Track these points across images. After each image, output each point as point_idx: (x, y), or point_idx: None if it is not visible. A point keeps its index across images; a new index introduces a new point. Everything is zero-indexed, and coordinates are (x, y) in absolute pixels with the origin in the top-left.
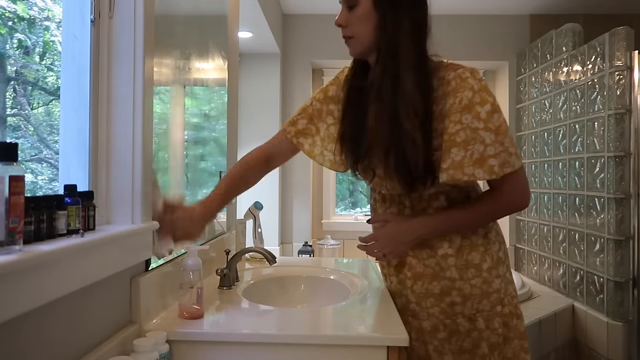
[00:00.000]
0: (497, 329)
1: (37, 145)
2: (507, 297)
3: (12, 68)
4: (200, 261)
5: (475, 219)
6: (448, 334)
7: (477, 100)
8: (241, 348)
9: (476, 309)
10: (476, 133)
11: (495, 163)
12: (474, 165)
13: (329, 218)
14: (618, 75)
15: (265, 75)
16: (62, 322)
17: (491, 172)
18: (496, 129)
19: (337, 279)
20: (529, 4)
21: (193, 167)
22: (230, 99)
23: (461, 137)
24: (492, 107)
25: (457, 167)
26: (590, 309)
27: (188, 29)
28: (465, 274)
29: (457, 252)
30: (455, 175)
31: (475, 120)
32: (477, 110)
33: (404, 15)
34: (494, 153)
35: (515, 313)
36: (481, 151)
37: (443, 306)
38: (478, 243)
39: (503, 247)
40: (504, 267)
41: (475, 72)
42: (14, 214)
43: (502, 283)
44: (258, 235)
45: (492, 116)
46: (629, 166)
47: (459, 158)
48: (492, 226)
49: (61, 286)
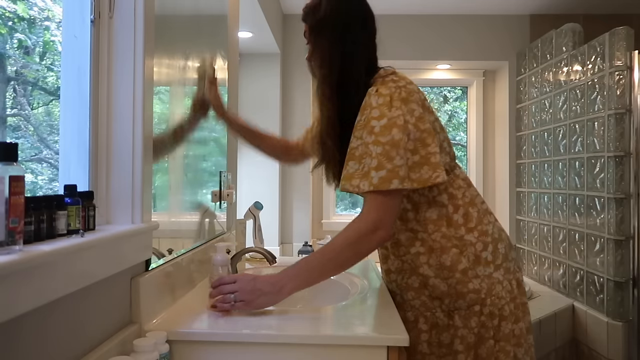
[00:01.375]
0: (474, 327)
1: (37, 145)
2: (490, 297)
3: (12, 68)
4: (229, 257)
5: (331, 255)
6: (429, 327)
7: (374, 115)
8: (241, 348)
9: (453, 306)
10: (367, 147)
11: (374, 175)
12: (361, 178)
13: (329, 218)
14: (618, 75)
15: (265, 75)
16: (62, 322)
17: (370, 184)
18: (386, 143)
19: (337, 279)
20: (529, 4)
21: (193, 167)
22: (230, 99)
23: (359, 151)
24: (390, 121)
25: (347, 179)
26: (590, 309)
27: (188, 29)
28: (441, 273)
29: (428, 252)
30: (345, 186)
31: (368, 135)
32: (372, 125)
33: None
34: (375, 166)
35: (500, 314)
36: (369, 164)
37: (423, 299)
38: (448, 245)
39: (493, 247)
40: (488, 268)
41: (385, 87)
42: (14, 214)
43: (482, 283)
44: (258, 235)
45: (384, 131)
46: (629, 166)
47: (352, 170)
48: (474, 226)
49: (61, 286)
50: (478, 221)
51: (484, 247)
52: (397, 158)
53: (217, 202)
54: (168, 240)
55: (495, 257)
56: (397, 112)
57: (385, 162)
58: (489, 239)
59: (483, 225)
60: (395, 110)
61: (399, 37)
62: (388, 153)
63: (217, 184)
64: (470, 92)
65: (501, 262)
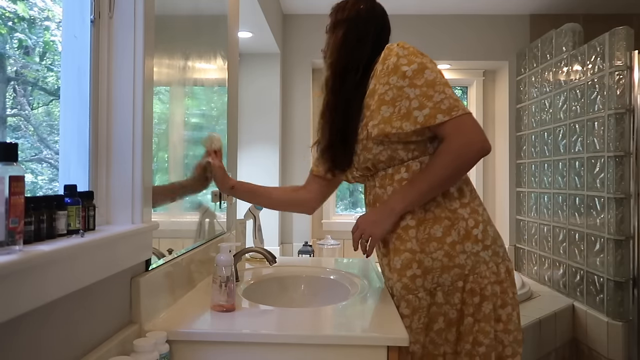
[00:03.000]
0: (456, 304)
1: (37, 145)
2: (472, 274)
3: (12, 68)
4: (232, 257)
5: (439, 174)
6: (411, 310)
7: (402, 62)
8: (241, 348)
9: (437, 282)
10: (402, 91)
11: (419, 114)
12: (401, 119)
13: (329, 218)
14: (618, 75)
15: (265, 75)
16: (62, 322)
17: (415, 122)
18: (423, 84)
19: (337, 279)
20: (529, 4)
21: (193, 167)
22: (230, 99)
23: (389, 95)
24: (420, 66)
25: (386, 122)
26: (590, 308)
27: (188, 29)
28: (427, 247)
29: (418, 225)
30: (385, 129)
31: (400, 80)
32: (402, 70)
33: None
34: (418, 106)
35: (481, 293)
36: (407, 106)
37: (405, 281)
38: (442, 216)
39: (483, 227)
40: (477, 245)
41: (404, 43)
42: (14, 214)
43: (468, 260)
44: (258, 235)
45: (419, 73)
46: (629, 166)
47: (387, 114)
48: (467, 202)
49: (61, 286)
50: (471, 199)
51: (475, 224)
52: (436, 95)
53: (217, 202)
54: (168, 240)
55: (485, 237)
56: (424, 58)
57: (425, 101)
58: (480, 218)
59: (475, 204)
60: (423, 57)
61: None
62: (426, 93)
63: None
64: (470, 92)
65: (490, 243)
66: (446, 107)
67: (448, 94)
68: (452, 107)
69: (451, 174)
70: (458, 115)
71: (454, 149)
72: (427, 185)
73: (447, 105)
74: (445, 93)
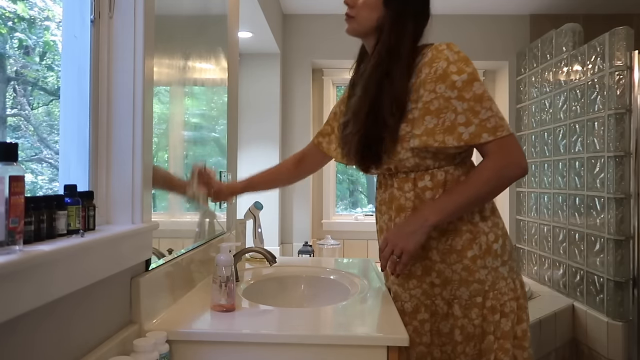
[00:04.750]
0: (474, 319)
1: (37, 145)
2: (493, 291)
3: (12, 68)
4: (232, 257)
5: (479, 190)
6: (429, 315)
7: (452, 70)
8: (241, 348)
9: (454, 295)
10: (448, 102)
11: (464, 131)
12: (444, 132)
13: (329, 218)
14: (618, 75)
15: (265, 75)
16: (62, 322)
17: (460, 139)
18: (471, 98)
19: (337, 279)
20: (529, 4)
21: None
22: (230, 99)
23: (434, 105)
24: (470, 76)
25: (429, 134)
26: (590, 308)
27: (188, 29)
28: (448, 258)
29: (440, 236)
30: (428, 141)
31: (448, 90)
32: (452, 80)
33: (409, 20)
34: (464, 121)
35: (501, 310)
36: (452, 119)
37: (425, 287)
38: (463, 229)
39: (502, 241)
40: (496, 261)
41: (453, 45)
42: (14, 214)
43: (488, 275)
44: (258, 235)
45: (469, 85)
46: (629, 166)
47: (431, 125)
48: (488, 216)
49: (61, 286)
50: (491, 212)
51: (495, 239)
52: (482, 112)
53: (217, 202)
54: (168, 240)
55: (504, 252)
56: (473, 67)
57: (472, 117)
58: (500, 232)
59: (495, 217)
60: (471, 66)
61: None
62: (473, 108)
63: None
64: None
65: (507, 258)
66: (492, 126)
67: (494, 111)
68: (498, 127)
69: (489, 191)
70: (502, 135)
71: (497, 167)
72: (465, 199)
73: (493, 124)
74: (491, 110)
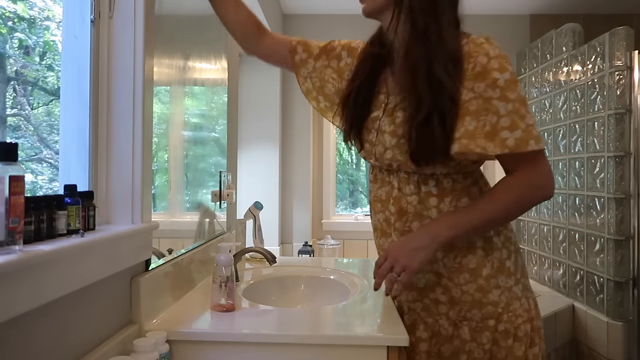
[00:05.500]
0: (484, 344)
1: (37, 145)
2: (507, 313)
3: (12, 68)
4: (232, 257)
5: (501, 210)
6: (429, 334)
7: (494, 67)
8: (241, 348)
9: (463, 316)
10: (489, 103)
11: (509, 136)
12: (485, 137)
13: (329, 218)
14: (618, 75)
15: (265, 75)
16: (62, 321)
17: (503, 146)
18: (516, 99)
19: (337, 279)
20: (529, 4)
21: (193, 167)
22: (230, 99)
23: (474, 105)
24: (512, 76)
25: (470, 137)
26: (590, 309)
27: (188, 29)
28: (457, 277)
29: (448, 252)
30: (469, 146)
31: (489, 89)
32: (493, 77)
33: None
34: (509, 125)
35: (514, 334)
36: (494, 123)
37: (427, 302)
38: (477, 246)
39: (515, 257)
40: (510, 279)
41: (492, 39)
42: (14, 214)
43: (502, 296)
44: (258, 235)
45: (513, 84)
46: (629, 166)
47: (472, 128)
48: (501, 230)
49: (61, 286)
50: (504, 225)
51: (508, 255)
52: (528, 116)
53: (217, 202)
54: (168, 240)
55: (516, 269)
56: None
57: (518, 120)
58: (512, 247)
59: (507, 230)
60: (511, 66)
61: None
62: (519, 111)
63: (217, 184)
64: None
65: (520, 276)
66: (537, 134)
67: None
68: (539, 136)
69: (512, 213)
70: (540, 148)
71: (525, 186)
72: (484, 217)
73: (537, 133)
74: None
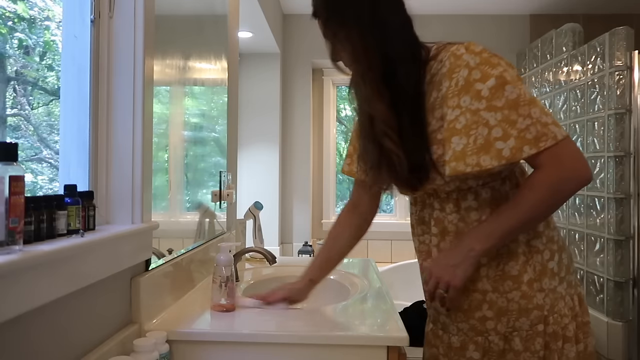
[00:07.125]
0: (538, 351)
1: (37, 145)
2: (552, 315)
3: (12, 68)
4: (232, 257)
5: (531, 211)
6: (481, 354)
7: (476, 77)
8: (241, 348)
9: (512, 326)
10: (478, 115)
11: (503, 147)
12: (478, 152)
13: (329, 218)
14: (618, 75)
15: (265, 75)
16: (62, 321)
17: (500, 157)
18: (505, 106)
19: (337, 279)
20: (529, 4)
21: (193, 167)
22: (230, 99)
23: (461, 122)
24: (498, 80)
25: (458, 158)
26: (590, 308)
27: (188, 29)
28: (502, 286)
29: (490, 261)
30: (458, 167)
31: (475, 101)
32: (476, 89)
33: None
34: (501, 135)
35: (563, 335)
36: (485, 135)
37: (473, 322)
38: (518, 252)
39: (559, 256)
40: (553, 280)
41: (473, 45)
42: (14, 214)
43: (546, 298)
44: (258, 235)
45: (499, 91)
46: (629, 166)
47: (460, 147)
48: (542, 231)
49: (61, 286)
50: (545, 225)
51: (550, 256)
52: (519, 120)
53: (217, 202)
54: (168, 240)
55: (560, 268)
56: (500, 68)
57: (509, 129)
58: (555, 246)
59: (550, 230)
60: (498, 67)
61: None
62: (508, 118)
63: (217, 184)
64: None
65: (564, 274)
66: (533, 137)
67: (535, 117)
68: (540, 136)
69: (545, 211)
70: (547, 146)
71: (551, 182)
72: (515, 223)
73: (534, 134)
74: (530, 117)
